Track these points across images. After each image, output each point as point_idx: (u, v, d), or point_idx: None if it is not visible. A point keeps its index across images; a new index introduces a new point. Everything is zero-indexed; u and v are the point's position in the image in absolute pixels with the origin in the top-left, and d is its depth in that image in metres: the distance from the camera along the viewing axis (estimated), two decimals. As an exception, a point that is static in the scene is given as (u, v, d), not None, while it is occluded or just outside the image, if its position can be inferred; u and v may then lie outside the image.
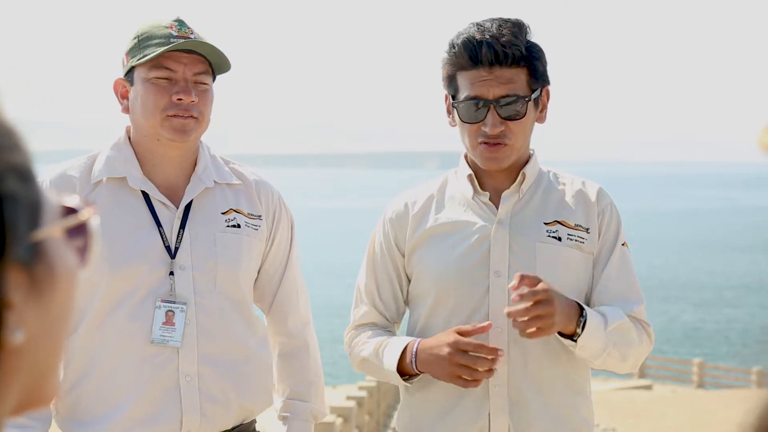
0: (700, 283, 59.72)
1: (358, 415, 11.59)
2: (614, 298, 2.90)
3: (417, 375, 2.88)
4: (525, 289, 2.66)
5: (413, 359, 2.83)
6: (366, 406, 12.50)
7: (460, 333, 2.76)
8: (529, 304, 2.65)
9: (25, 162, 0.78)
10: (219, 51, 2.80)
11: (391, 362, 2.87)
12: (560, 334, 2.77)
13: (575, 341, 2.77)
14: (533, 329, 2.66)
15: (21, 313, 0.75)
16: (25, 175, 0.78)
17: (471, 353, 2.72)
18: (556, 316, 2.68)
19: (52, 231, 0.79)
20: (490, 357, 2.71)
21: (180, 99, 2.77)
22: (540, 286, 2.67)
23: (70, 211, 0.82)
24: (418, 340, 2.86)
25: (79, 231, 0.83)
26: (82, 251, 0.83)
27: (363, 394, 12.44)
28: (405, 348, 2.86)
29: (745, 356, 36.73)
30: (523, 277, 2.68)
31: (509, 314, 2.67)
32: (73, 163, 2.90)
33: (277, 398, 3.08)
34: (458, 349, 2.72)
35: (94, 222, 0.83)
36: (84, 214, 0.83)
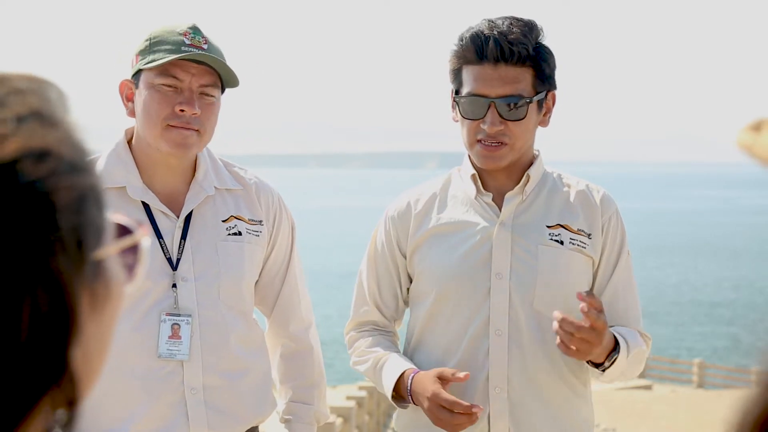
0: (697, 284, 59.68)
1: (358, 415, 11.60)
2: (621, 316, 2.91)
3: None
4: (585, 308, 2.60)
5: (409, 395, 2.82)
6: (366, 406, 12.51)
7: (441, 377, 2.74)
8: (586, 324, 2.60)
9: (97, 182, 0.80)
10: (227, 67, 2.74)
11: (387, 387, 2.87)
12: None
13: (601, 371, 2.79)
14: (573, 348, 2.64)
15: (82, 328, 0.78)
16: (98, 197, 0.80)
17: (447, 409, 2.69)
18: (598, 348, 2.67)
19: (112, 250, 0.81)
20: (464, 413, 2.68)
21: (182, 110, 2.72)
22: (603, 316, 2.63)
23: (124, 229, 0.85)
24: (412, 374, 2.82)
25: (131, 250, 0.85)
26: (131, 268, 0.85)
27: (363, 394, 12.46)
28: (401, 375, 2.84)
29: (742, 357, 36.71)
30: (590, 296, 2.62)
31: (562, 319, 2.61)
32: None
33: (279, 401, 3.06)
34: (436, 404, 2.71)
35: (146, 243, 0.87)
36: (138, 235, 0.86)
